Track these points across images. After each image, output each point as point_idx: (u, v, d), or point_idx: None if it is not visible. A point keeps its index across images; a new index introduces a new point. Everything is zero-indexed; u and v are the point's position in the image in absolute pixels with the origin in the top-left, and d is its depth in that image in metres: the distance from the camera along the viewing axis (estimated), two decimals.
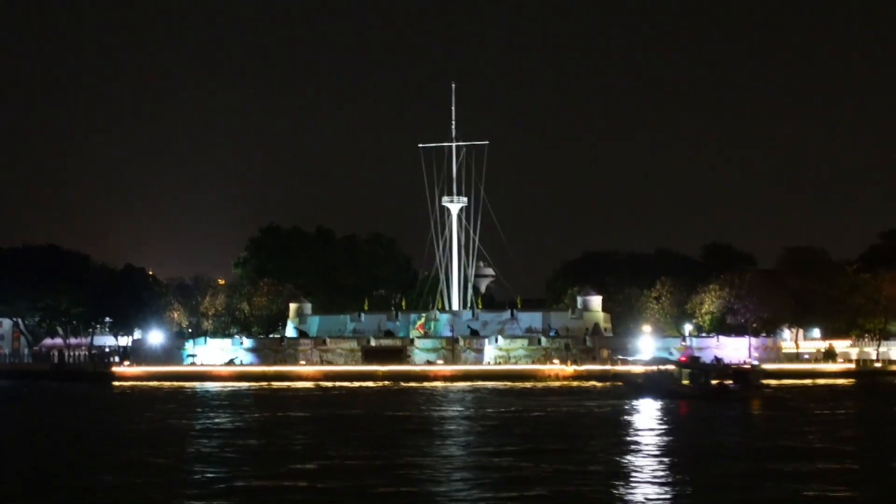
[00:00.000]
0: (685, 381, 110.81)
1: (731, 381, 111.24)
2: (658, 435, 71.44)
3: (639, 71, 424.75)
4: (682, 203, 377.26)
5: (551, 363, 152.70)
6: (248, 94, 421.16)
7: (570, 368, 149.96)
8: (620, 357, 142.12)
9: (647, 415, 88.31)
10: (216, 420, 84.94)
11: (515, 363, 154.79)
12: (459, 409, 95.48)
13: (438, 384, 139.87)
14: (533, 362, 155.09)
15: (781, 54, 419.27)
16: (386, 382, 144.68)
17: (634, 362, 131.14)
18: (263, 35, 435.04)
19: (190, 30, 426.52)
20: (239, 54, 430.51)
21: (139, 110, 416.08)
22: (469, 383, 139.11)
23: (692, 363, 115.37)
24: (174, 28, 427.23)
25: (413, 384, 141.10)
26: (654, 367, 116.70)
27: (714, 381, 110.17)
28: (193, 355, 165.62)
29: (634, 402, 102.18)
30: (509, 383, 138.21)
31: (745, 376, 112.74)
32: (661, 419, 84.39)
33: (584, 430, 74.63)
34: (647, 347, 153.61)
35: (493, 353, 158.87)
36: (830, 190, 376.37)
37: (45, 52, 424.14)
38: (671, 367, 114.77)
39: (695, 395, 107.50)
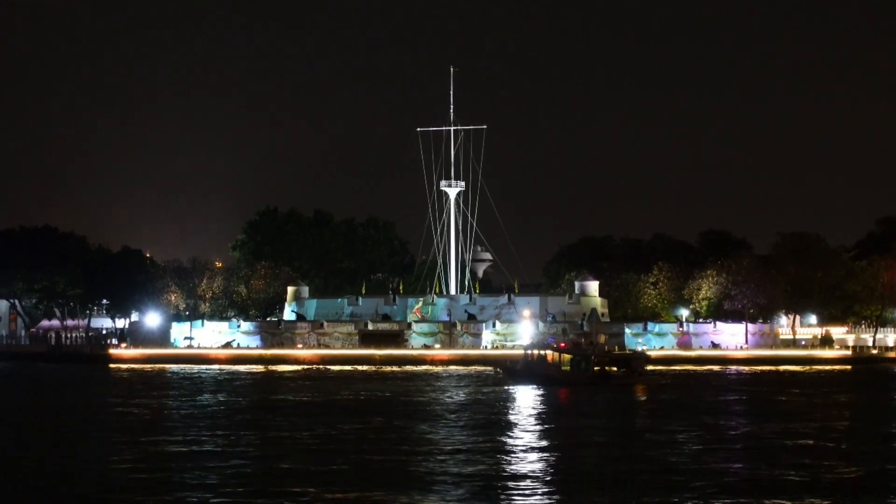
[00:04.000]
0: (565, 368, 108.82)
1: (614, 368, 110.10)
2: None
3: (637, 56, 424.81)
4: (679, 189, 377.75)
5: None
6: (244, 77, 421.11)
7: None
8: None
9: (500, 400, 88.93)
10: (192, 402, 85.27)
11: (512, 348, 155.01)
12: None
13: (436, 368, 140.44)
14: None
15: (778, 38, 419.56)
16: (381, 367, 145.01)
17: (514, 347, 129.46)
18: (261, 18, 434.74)
19: (188, 14, 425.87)
20: (236, 37, 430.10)
21: (136, 93, 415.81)
22: (466, 367, 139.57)
23: (573, 349, 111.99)
24: (172, 13, 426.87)
25: (410, 367, 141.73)
26: (532, 352, 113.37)
27: (596, 368, 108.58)
28: (191, 338, 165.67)
29: (510, 388, 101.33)
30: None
31: (628, 362, 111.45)
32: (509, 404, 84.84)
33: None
34: (527, 332, 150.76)
35: (491, 338, 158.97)
36: (828, 176, 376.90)
37: (43, 37, 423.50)
38: (549, 352, 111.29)
39: (575, 381, 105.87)
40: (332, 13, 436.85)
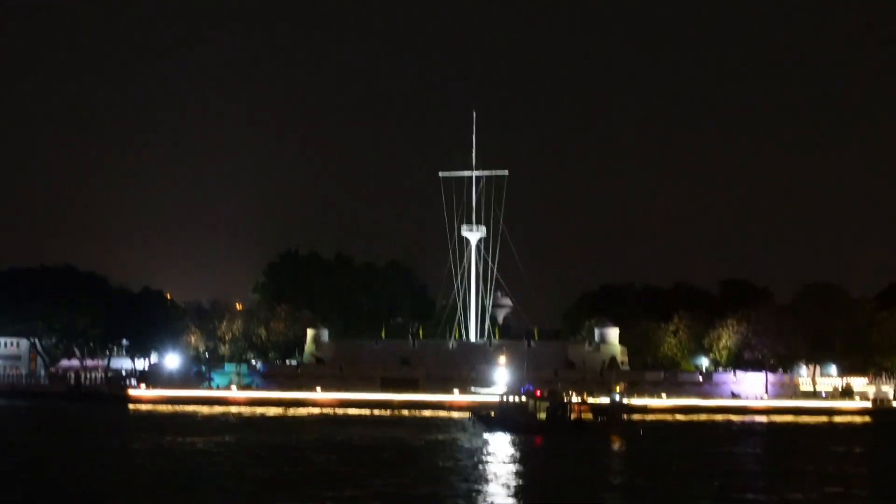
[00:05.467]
0: (541, 415, 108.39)
1: (590, 416, 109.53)
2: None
3: (658, 105, 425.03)
4: (700, 237, 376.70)
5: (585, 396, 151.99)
6: (269, 119, 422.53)
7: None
8: (473, 388, 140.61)
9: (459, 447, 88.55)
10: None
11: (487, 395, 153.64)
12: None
13: (455, 414, 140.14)
14: None
15: (799, 89, 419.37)
16: (387, 411, 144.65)
17: (489, 393, 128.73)
18: (286, 64, 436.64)
19: (212, 56, 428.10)
20: (261, 81, 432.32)
21: (159, 134, 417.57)
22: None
23: (551, 397, 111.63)
24: (196, 53, 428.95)
25: (427, 412, 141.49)
26: (509, 399, 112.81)
27: (573, 416, 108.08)
28: (210, 379, 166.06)
29: (485, 436, 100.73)
30: None
31: (605, 411, 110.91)
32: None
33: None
34: (503, 378, 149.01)
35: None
36: (850, 226, 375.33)
37: (64, 72, 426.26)
38: (526, 399, 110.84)
39: (551, 429, 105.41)
40: (355, 58, 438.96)
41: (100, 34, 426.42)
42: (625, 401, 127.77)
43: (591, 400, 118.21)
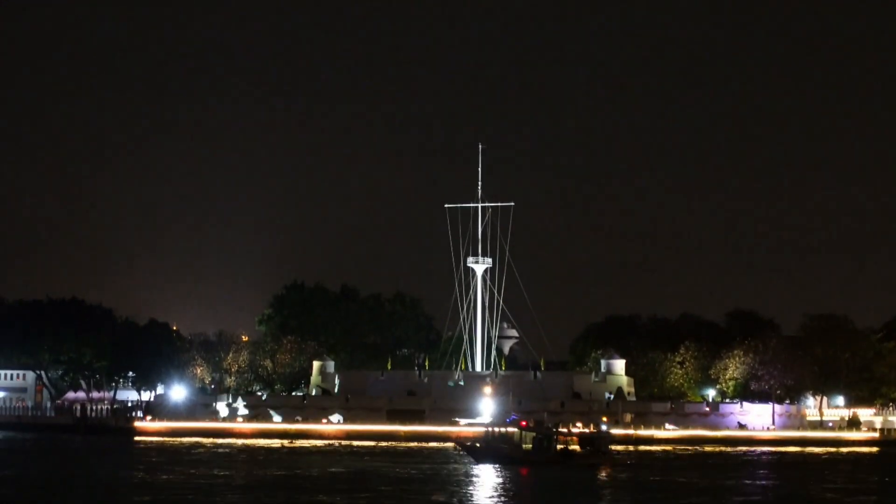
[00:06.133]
0: (527, 446, 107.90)
1: (577, 447, 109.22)
2: None
3: (663, 136, 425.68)
4: (706, 268, 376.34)
5: (573, 426, 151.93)
6: (275, 151, 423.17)
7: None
8: (457, 419, 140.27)
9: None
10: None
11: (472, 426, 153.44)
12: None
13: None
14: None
15: (804, 120, 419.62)
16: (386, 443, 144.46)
17: (474, 424, 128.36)
18: (290, 94, 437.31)
19: (219, 88, 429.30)
20: (267, 114, 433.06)
21: (164, 165, 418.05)
22: None
23: (536, 427, 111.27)
24: (202, 86, 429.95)
25: (433, 444, 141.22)
26: (494, 430, 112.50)
27: (559, 447, 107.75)
28: (216, 411, 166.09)
29: (471, 467, 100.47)
30: None
31: (591, 441, 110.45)
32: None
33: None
34: (488, 409, 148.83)
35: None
36: (856, 257, 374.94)
37: (68, 102, 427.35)
38: (512, 430, 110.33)
39: (537, 460, 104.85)
40: (358, 88, 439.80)
41: (100, 62, 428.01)
42: (613, 430, 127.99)
43: (577, 430, 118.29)
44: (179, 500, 71.14)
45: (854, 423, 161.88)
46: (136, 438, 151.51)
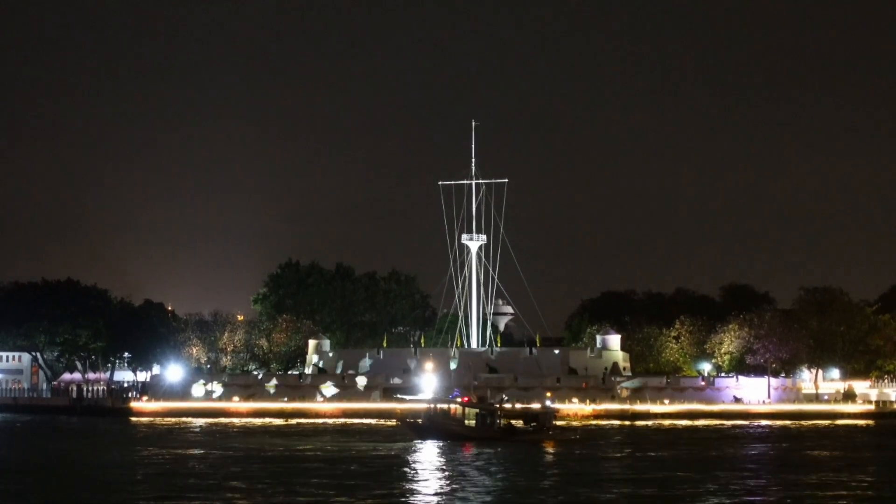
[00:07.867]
0: (470, 422, 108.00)
1: (520, 423, 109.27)
2: None
3: (659, 111, 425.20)
4: (700, 243, 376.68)
5: (569, 402, 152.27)
6: (268, 131, 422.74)
7: (588, 408, 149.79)
8: (399, 395, 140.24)
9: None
10: None
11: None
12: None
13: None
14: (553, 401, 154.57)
15: (803, 95, 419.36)
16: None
17: (415, 401, 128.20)
18: (283, 75, 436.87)
19: (213, 69, 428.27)
20: (259, 92, 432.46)
21: (159, 146, 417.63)
22: None
23: (479, 403, 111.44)
24: (196, 66, 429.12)
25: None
26: (435, 406, 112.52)
27: (502, 423, 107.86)
28: (212, 391, 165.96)
29: (415, 444, 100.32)
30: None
31: (535, 417, 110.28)
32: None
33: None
34: (430, 385, 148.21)
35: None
36: (851, 230, 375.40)
37: (65, 85, 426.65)
38: (454, 406, 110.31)
39: (480, 436, 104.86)
40: (354, 68, 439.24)
41: (97, 49, 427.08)
42: (556, 406, 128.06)
43: (533, 405, 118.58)
44: (170, 475, 71.17)
45: (849, 396, 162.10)
46: (132, 419, 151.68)
